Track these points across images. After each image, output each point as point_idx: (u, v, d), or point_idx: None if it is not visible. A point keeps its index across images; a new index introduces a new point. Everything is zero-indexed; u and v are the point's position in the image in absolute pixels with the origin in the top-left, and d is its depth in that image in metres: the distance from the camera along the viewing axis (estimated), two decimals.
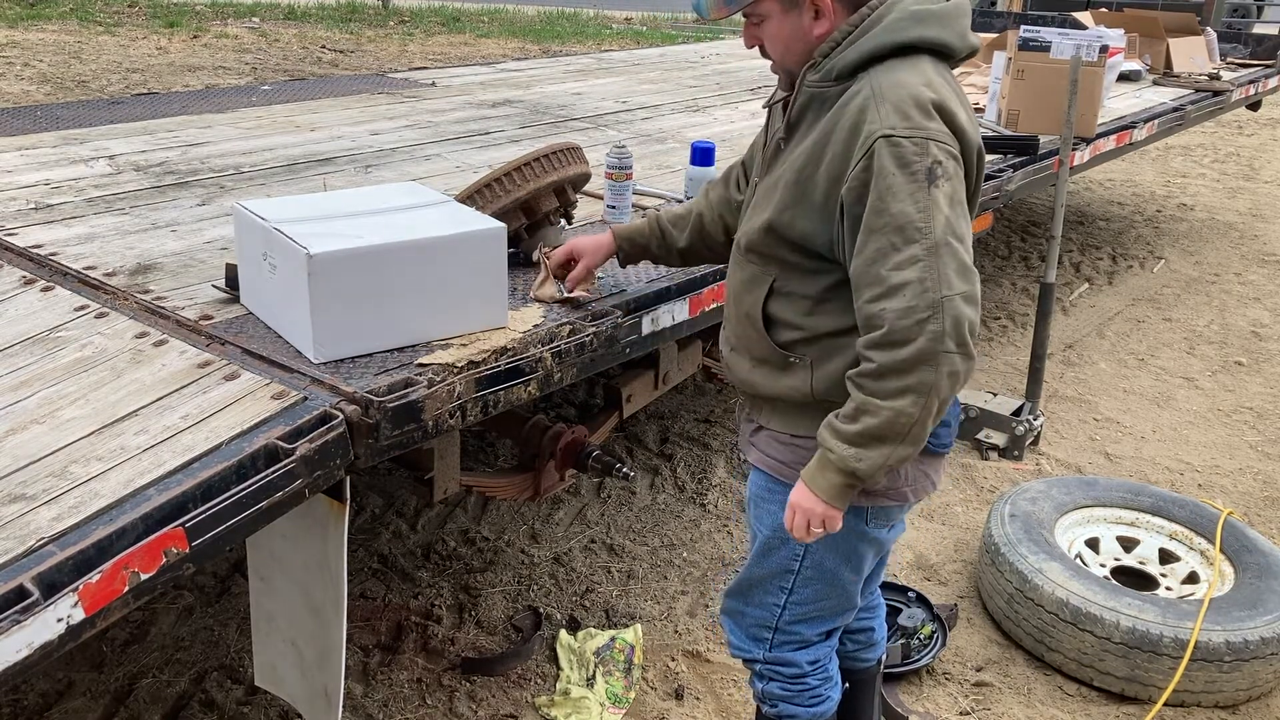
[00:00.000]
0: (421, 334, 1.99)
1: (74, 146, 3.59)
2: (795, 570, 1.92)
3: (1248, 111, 8.87)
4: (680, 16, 16.90)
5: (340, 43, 12.26)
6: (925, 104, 1.62)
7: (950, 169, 1.61)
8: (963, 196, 1.64)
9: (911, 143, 1.59)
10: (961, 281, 1.58)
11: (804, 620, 1.98)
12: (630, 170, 2.79)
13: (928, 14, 1.68)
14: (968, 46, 1.73)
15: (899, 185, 1.59)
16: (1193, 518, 3.15)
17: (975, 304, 1.60)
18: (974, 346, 1.61)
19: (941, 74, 1.70)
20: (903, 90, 1.63)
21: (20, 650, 1.30)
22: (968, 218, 1.65)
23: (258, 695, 2.59)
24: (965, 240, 1.61)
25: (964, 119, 1.67)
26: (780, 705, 2.03)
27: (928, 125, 1.61)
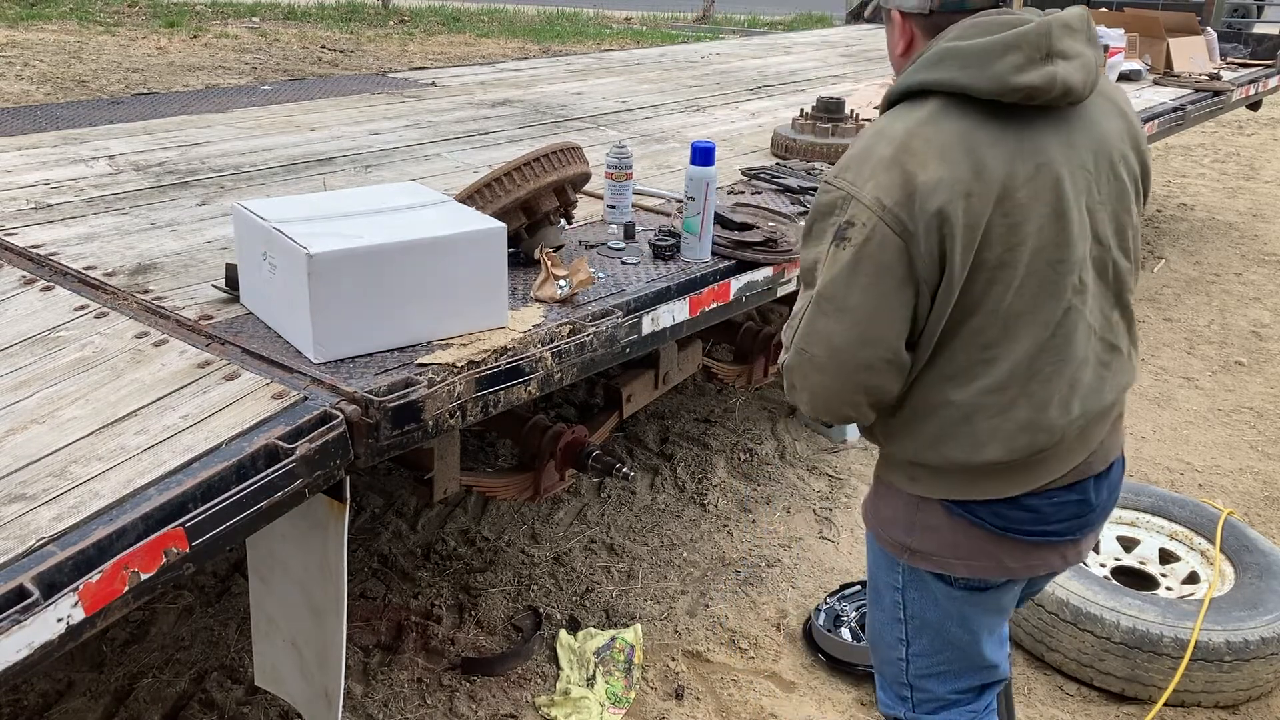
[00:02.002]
0: (421, 334, 1.99)
1: (74, 146, 3.59)
2: (903, 620, 1.83)
3: (1248, 111, 8.87)
4: (680, 16, 16.90)
5: (340, 43, 12.26)
6: (876, 159, 1.53)
7: (859, 237, 1.51)
8: (869, 270, 1.52)
9: (838, 194, 1.56)
10: (814, 344, 1.59)
11: (932, 675, 1.86)
12: (630, 170, 2.79)
13: (951, 53, 1.54)
14: (1003, 89, 1.50)
15: (814, 229, 1.60)
16: (1193, 518, 3.15)
17: (822, 372, 1.59)
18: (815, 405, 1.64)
19: (941, 123, 1.53)
20: (869, 140, 1.57)
21: (20, 650, 1.30)
22: (869, 292, 1.53)
23: (258, 695, 2.59)
24: (846, 313, 1.55)
25: (927, 179, 1.49)
26: None
27: (863, 183, 1.52)
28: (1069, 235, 1.56)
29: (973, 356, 1.59)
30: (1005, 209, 1.52)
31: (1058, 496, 1.68)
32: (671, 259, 2.57)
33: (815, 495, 3.64)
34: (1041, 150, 1.54)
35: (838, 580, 3.15)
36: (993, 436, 1.61)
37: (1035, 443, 1.61)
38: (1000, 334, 1.58)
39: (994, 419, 1.60)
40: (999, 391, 1.60)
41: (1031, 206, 1.53)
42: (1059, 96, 1.53)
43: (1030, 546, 1.70)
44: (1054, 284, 1.57)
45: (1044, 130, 1.55)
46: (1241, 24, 11.56)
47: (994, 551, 1.70)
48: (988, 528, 1.68)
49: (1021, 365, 1.59)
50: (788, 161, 3.69)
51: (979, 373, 1.60)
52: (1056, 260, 1.56)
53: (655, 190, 3.20)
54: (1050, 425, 1.61)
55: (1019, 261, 1.54)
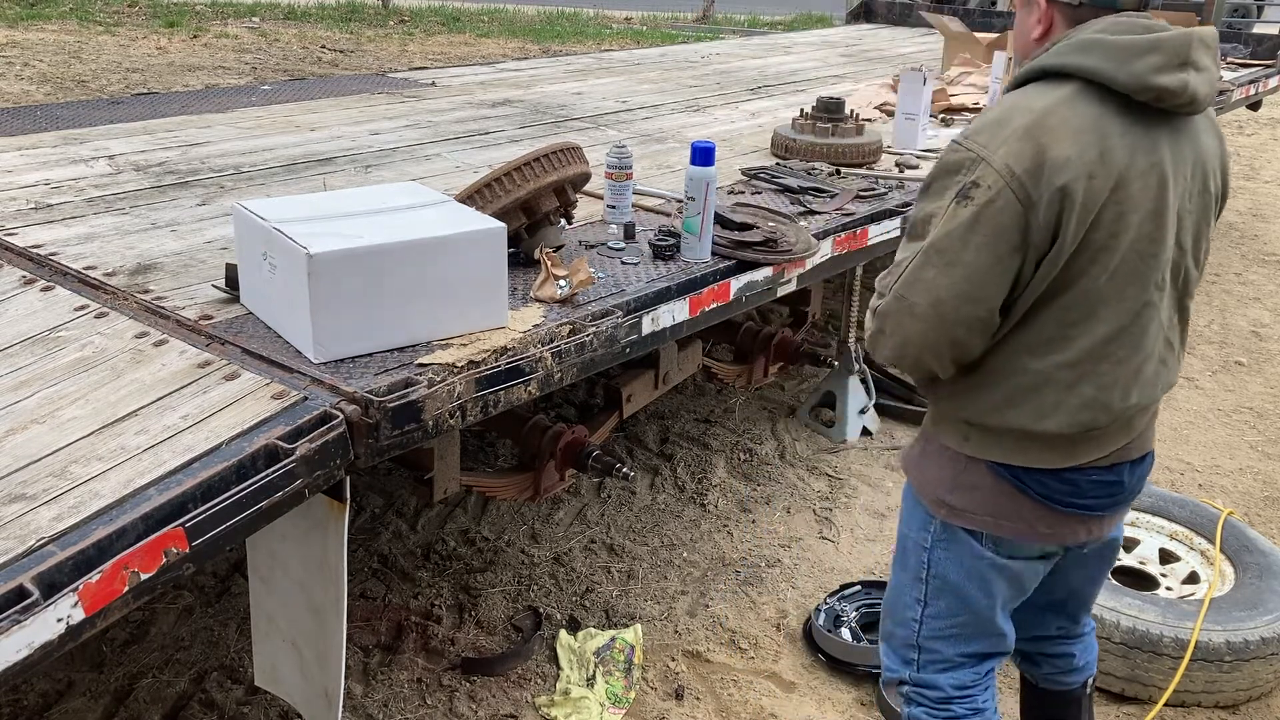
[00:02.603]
0: (421, 334, 1.99)
1: (74, 146, 3.59)
2: (924, 579, 1.91)
3: (1248, 111, 8.87)
4: (680, 16, 16.90)
5: (340, 43, 12.26)
6: (1012, 128, 1.61)
7: (983, 198, 1.59)
8: (986, 232, 1.60)
9: (967, 155, 1.64)
10: (915, 293, 1.66)
11: (942, 638, 1.93)
12: (630, 170, 2.79)
13: (1096, 43, 1.63)
14: (1138, 86, 1.60)
15: (935, 184, 1.68)
16: (1193, 518, 3.15)
17: (919, 320, 1.66)
18: (906, 350, 1.70)
19: (1077, 106, 1.62)
20: (1005, 110, 1.66)
21: (20, 650, 1.30)
22: (981, 252, 1.60)
23: (258, 695, 2.59)
24: (954, 267, 1.62)
25: (1058, 155, 1.58)
26: None
27: (995, 148, 1.61)
28: (1163, 234, 1.67)
29: (1056, 331, 1.68)
30: (1118, 197, 1.62)
31: (1096, 475, 1.78)
32: (671, 259, 2.57)
33: (815, 495, 3.64)
34: (1156, 150, 1.64)
35: (838, 580, 3.15)
36: (1056, 409, 1.70)
37: (1094, 421, 1.71)
38: (1085, 314, 1.67)
39: (1061, 393, 1.70)
40: (1071, 367, 1.69)
41: (1139, 200, 1.63)
42: (1185, 104, 1.63)
43: (1063, 517, 1.79)
44: (1142, 276, 1.67)
45: (1160, 133, 1.66)
46: (1241, 24, 11.56)
47: (1029, 517, 1.79)
48: (1029, 494, 1.77)
49: (1097, 346, 1.68)
50: (788, 161, 3.69)
51: (1057, 347, 1.69)
52: (1149, 255, 1.67)
53: (655, 190, 3.20)
54: (1109, 407, 1.71)
55: (1118, 248, 1.64)
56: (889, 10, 9.08)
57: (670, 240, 2.59)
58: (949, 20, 6.26)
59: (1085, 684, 2.19)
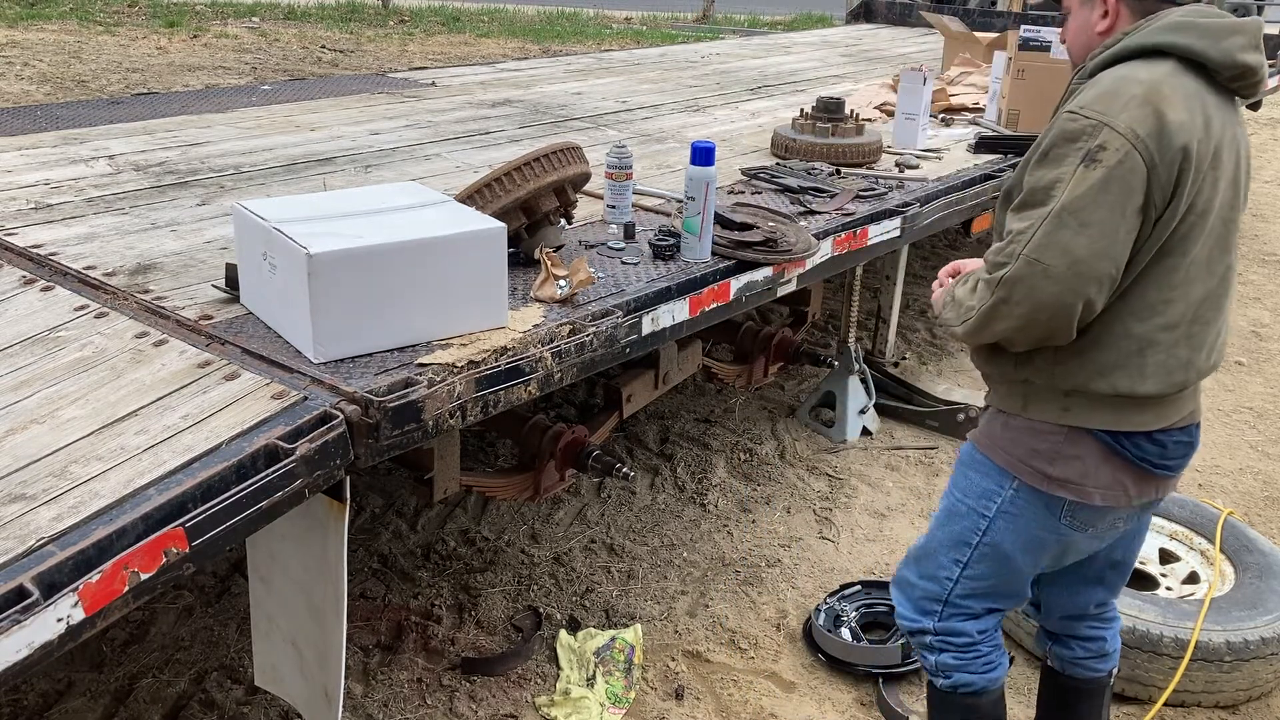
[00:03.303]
0: (421, 334, 1.99)
1: (74, 146, 3.59)
2: (974, 544, 1.99)
3: (1248, 111, 8.86)
4: (680, 16, 16.90)
5: (340, 43, 12.26)
6: (1129, 95, 1.70)
7: (1112, 160, 1.67)
8: (1115, 189, 1.67)
9: (1088, 122, 1.70)
10: (1050, 254, 1.69)
11: (974, 596, 2.05)
12: (630, 170, 2.79)
13: (1189, 24, 1.76)
14: (1229, 62, 1.75)
15: (1054, 152, 1.73)
16: (1193, 518, 3.15)
17: (1054, 280, 1.69)
18: (1037, 315, 1.71)
19: (1180, 78, 1.73)
20: (1116, 81, 1.74)
21: (20, 650, 1.30)
22: (1111, 210, 1.68)
23: (258, 695, 2.59)
24: (1088, 227, 1.67)
25: (1176, 119, 1.68)
26: (955, 675, 2.08)
27: (1117, 113, 1.69)
28: (1238, 202, 1.83)
29: (1158, 295, 1.77)
30: (1215, 163, 1.75)
31: (1178, 436, 1.89)
32: (671, 259, 2.57)
33: (815, 495, 3.64)
34: (1230, 125, 1.80)
35: (838, 580, 3.15)
36: (1156, 371, 1.79)
37: (1186, 380, 1.82)
38: (1184, 278, 1.77)
39: (1161, 354, 1.79)
40: (1171, 329, 1.79)
41: (1225, 168, 1.77)
42: (1255, 82, 1.80)
43: (1149, 477, 1.90)
44: (1226, 240, 1.81)
45: (1230, 112, 1.81)
46: None
47: (1124, 480, 1.88)
48: (1128, 457, 1.86)
49: (1192, 308, 1.80)
50: (788, 161, 3.69)
51: (1160, 310, 1.78)
52: (1230, 220, 1.81)
53: (655, 190, 3.20)
54: (1200, 367, 1.84)
55: (1211, 212, 1.77)
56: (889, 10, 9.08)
57: (670, 240, 2.59)
58: (949, 20, 6.26)
59: (1110, 673, 2.26)
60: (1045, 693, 2.34)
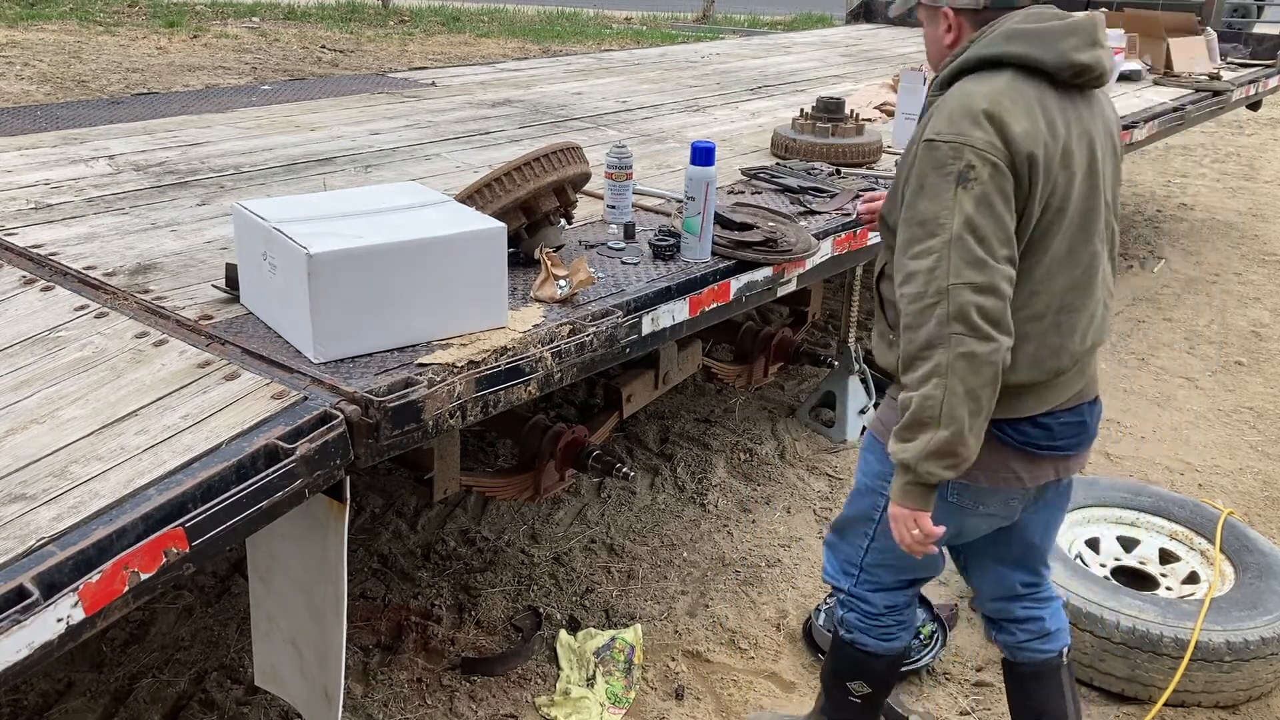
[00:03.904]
0: (421, 334, 1.99)
1: (74, 146, 3.59)
2: (876, 520, 2.12)
3: (1248, 111, 8.85)
4: (680, 16, 16.90)
5: (340, 43, 12.26)
6: (975, 113, 1.77)
7: (984, 174, 1.75)
8: (997, 200, 1.75)
9: (949, 147, 1.78)
10: (972, 271, 1.74)
11: (883, 566, 2.18)
12: (630, 170, 2.79)
13: (1022, 32, 1.83)
14: (1065, 64, 1.82)
15: (930, 184, 1.79)
16: (1193, 518, 3.15)
17: (987, 293, 1.74)
18: (992, 330, 1.75)
19: (1019, 86, 1.80)
20: (961, 100, 1.81)
21: (20, 650, 1.30)
22: (1000, 219, 1.76)
23: (258, 695, 2.59)
24: (987, 240, 1.75)
25: (1019, 129, 1.76)
26: (855, 634, 2.27)
27: (969, 133, 1.76)
28: (1098, 192, 1.89)
29: (1023, 290, 1.84)
30: (1064, 162, 1.82)
31: (1064, 417, 1.97)
32: (671, 259, 2.57)
33: (815, 495, 3.64)
34: (1081, 120, 1.86)
35: None
36: (1027, 361, 1.87)
37: (1059, 366, 1.90)
38: (1045, 272, 1.86)
39: (1031, 345, 1.86)
40: (1038, 320, 1.87)
41: (1078, 164, 1.84)
42: (1097, 77, 1.86)
43: (1040, 459, 1.98)
44: (1087, 231, 1.89)
45: (1080, 106, 1.87)
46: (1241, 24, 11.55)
47: (1012, 464, 1.97)
48: (1011, 443, 1.94)
49: (1057, 299, 1.88)
50: (788, 161, 3.69)
51: (1025, 304, 1.85)
52: (1090, 211, 1.88)
53: (655, 190, 3.20)
54: (1072, 351, 1.91)
55: (1068, 209, 1.84)
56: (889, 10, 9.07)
57: (670, 240, 2.59)
58: None
59: (1061, 653, 2.28)
60: (1008, 684, 2.38)
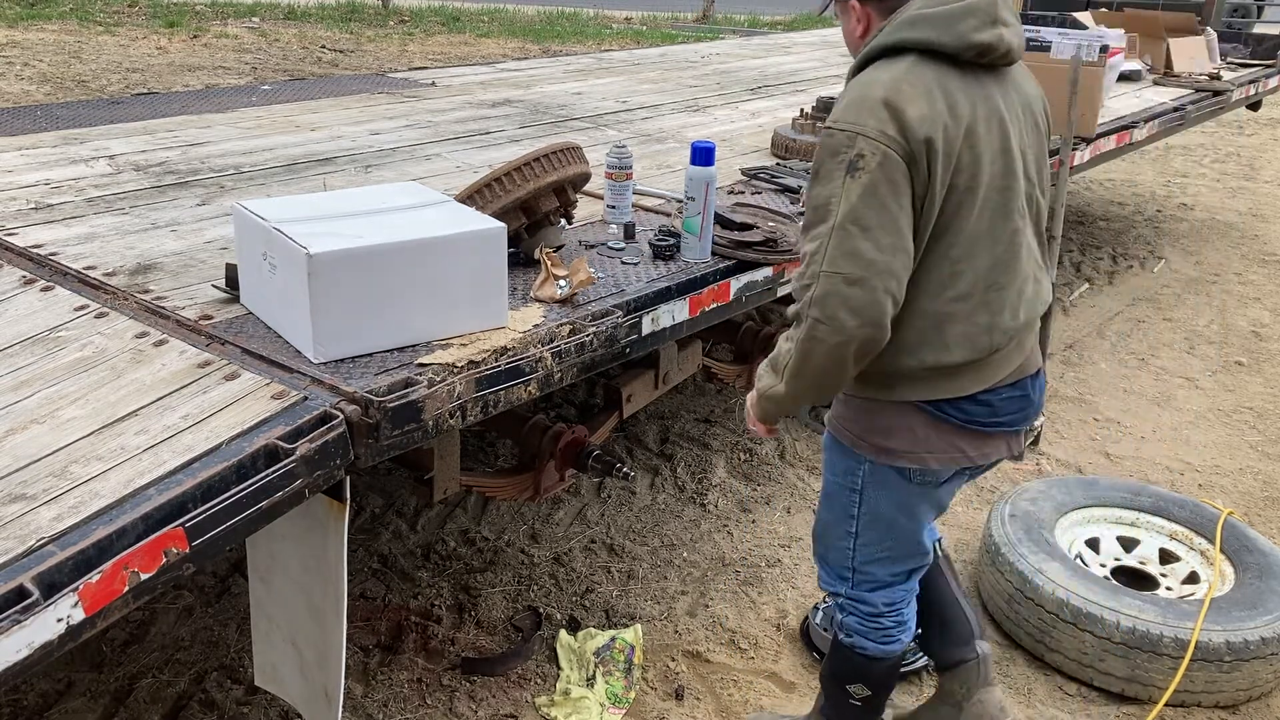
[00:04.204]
0: (421, 334, 1.99)
1: (74, 146, 3.59)
2: (855, 516, 2.14)
3: (1248, 111, 8.86)
4: (680, 16, 16.90)
5: (340, 43, 12.26)
6: (870, 102, 1.81)
7: (873, 164, 1.77)
8: (884, 190, 1.77)
9: (844, 135, 1.81)
10: (845, 262, 1.78)
11: (875, 562, 2.19)
12: (630, 170, 2.79)
13: (922, 18, 1.86)
14: (965, 45, 1.84)
15: (823, 170, 1.84)
16: (1193, 518, 3.15)
17: (856, 285, 1.77)
18: (850, 320, 1.78)
19: (919, 71, 1.83)
20: (860, 89, 1.85)
21: (20, 650, 1.30)
22: (886, 208, 1.78)
23: (258, 695, 2.59)
24: (870, 230, 1.78)
25: (915, 114, 1.78)
26: (855, 638, 2.26)
27: (863, 122, 1.79)
28: (1013, 168, 1.91)
29: (946, 270, 1.88)
30: (970, 142, 1.84)
31: (1005, 393, 2.01)
32: (671, 259, 2.57)
33: (815, 495, 3.64)
34: (990, 98, 1.88)
35: None
36: (959, 340, 1.91)
37: (993, 343, 1.93)
38: (965, 251, 1.88)
39: (960, 324, 1.91)
40: (964, 300, 1.90)
41: (987, 142, 1.86)
42: (1002, 55, 1.88)
43: (986, 436, 2.03)
44: (1005, 208, 1.90)
45: (990, 84, 1.90)
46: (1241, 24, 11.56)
47: (958, 443, 2.01)
48: (954, 422, 1.99)
49: (981, 277, 1.90)
50: (788, 161, 3.69)
51: (949, 284, 1.89)
52: (1005, 188, 1.90)
53: (655, 190, 3.20)
54: (1005, 328, 1.94)
55: (980, 187, 1.86)
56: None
57: (670, 240, 2.59)
58: None
59: (939, 541, 2.41)
60: None
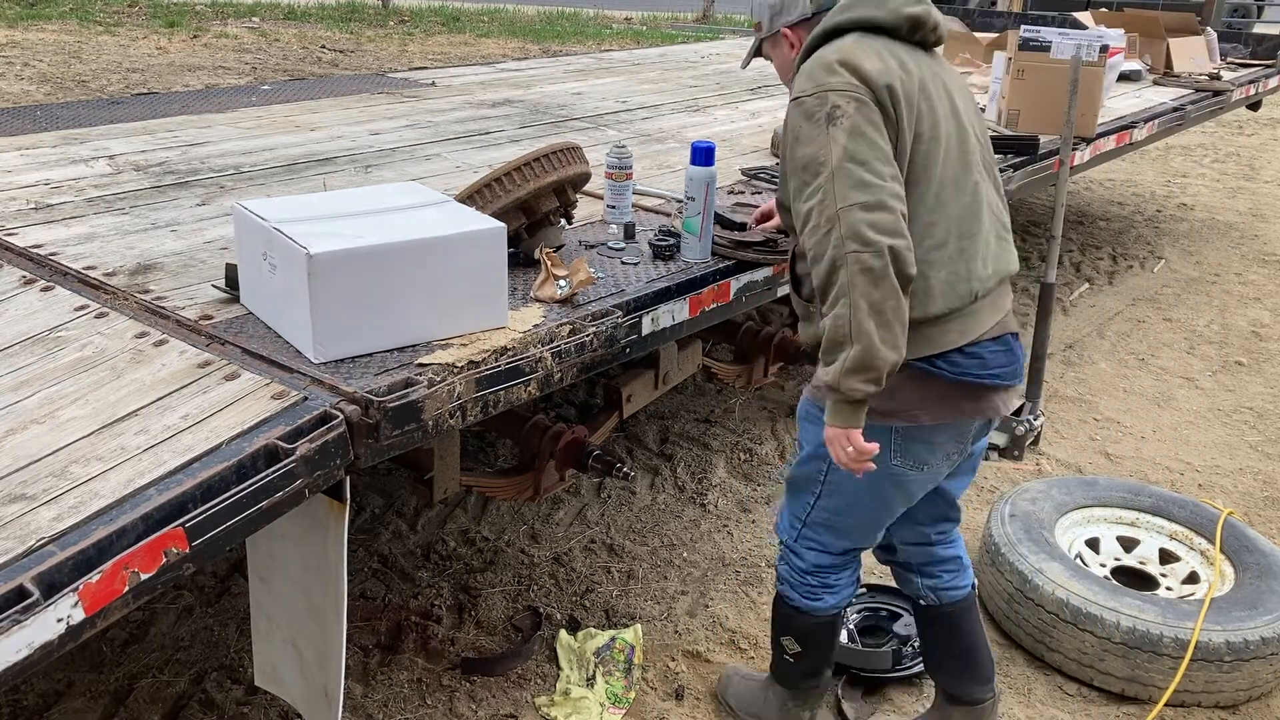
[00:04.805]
0: (421, 334, 1.99)
1: (74, 146, 3.59)
2: (821, 480, 2.23)
3: (1248, 111, 8.87)
4: (680, 16, 16.90)
5: (340, 43, 12.26)
6: (829, 64, 1.93)
7: (849, 109, 1.88)
8: (867, 128, 1.87)
9: (813, 98, 1.92)
10: (857, 193, 1.84)
11: (826, 526, 2.28)
12: (630, 170, 2.79)
13: (856, 1, 2.02)
14: (898, 18, 1.99)
15: (804, 133, 1.92)
16: (1193, 518, 3.15)
17: (874, 209, 1.83)
18: (885, 239, 1.82)
19: (864, 42, 1.96)
20: (812, 63, 1.98)
21: (20, 650, 1.30)
22: (875, 143, 1.87)
23: (258, 695, 2.59)
24: (868, 163, 1.85)
25: (871, 67, 1.90)
26: (782, 585, 2.39)
27: (827, 80, 1.91)
28: (965, 128, 2.03)
29: (921, 221, 1.95)
30: (925, 95, 1.96)
31: (992, 346, 2.06)
32: (671, 259, 2.57)
33: None
34: (930, 67, 2.03)
35: None
36: (941, 289, 1.97)
37: (972, 289, 2.00)
38: (937, 200, 1.97)
39: (941, 272, 1.97)
40: (942, 247, 1.97)
41: (937, 102, 1.99)
42: (932, 29, 2.04)
43: (980, 390, 2.07)
44: (966, 162, 2.01)
45: (924, 60, 2.04)
46: (1241, 24, 11.56)
47: (952, 397, 2.06)
48: (945, 376, 2.03)
49: (954, 225, 1.98)
50: None
51: (927, 234, 1.96)
52: (963, 142, 2.01)
53: (655, 190, 3.20)
54: (979, 275, 2.01)
55: (941, 137, 1.97)
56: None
57: (670, 240, 2.59)
58: (949, 20, 6.26)
59: (973, 587, 2.46)
60: (930, 629, 2.47)
